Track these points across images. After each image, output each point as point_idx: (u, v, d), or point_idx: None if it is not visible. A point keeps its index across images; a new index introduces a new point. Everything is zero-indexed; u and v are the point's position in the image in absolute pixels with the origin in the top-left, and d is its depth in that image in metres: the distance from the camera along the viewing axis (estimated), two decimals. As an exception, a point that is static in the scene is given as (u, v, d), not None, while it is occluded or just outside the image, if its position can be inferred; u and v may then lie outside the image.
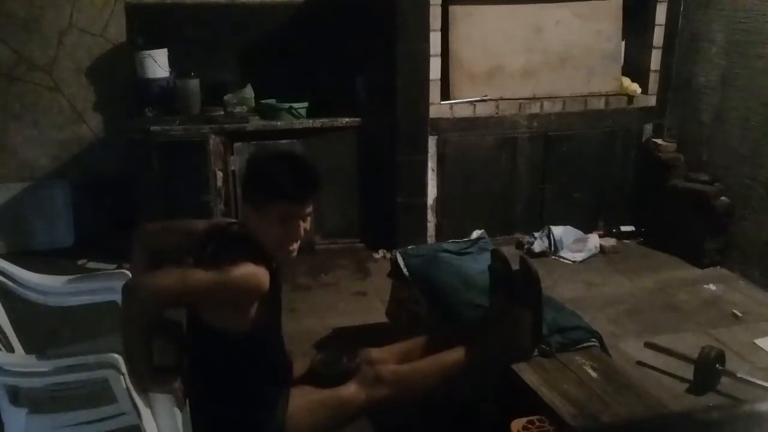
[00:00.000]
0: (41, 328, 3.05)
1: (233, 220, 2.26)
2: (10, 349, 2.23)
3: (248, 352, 1.98)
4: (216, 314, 1.92)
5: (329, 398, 2.10)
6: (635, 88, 4.47)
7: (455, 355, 2.27)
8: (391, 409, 2.36)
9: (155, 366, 1.93)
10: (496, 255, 2.47)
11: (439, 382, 2.27)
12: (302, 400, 2.08)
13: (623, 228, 4.58)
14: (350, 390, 2.12)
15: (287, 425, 2.03)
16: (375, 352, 2.30)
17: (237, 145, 4.05)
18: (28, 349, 2.33)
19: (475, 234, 3.82)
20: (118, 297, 2.44)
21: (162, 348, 2.01)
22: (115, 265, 3.96)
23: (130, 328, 1.88)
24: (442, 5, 4.08)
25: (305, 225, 1.97)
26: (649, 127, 4.57)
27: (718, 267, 4.13)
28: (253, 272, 1.86)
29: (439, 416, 2.65)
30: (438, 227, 4.41)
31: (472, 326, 2.43)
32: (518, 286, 2.33)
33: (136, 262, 2.16)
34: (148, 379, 1.92)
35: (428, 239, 4.37)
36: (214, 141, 4.02)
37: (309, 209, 1.97)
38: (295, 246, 1.98)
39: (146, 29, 4.24)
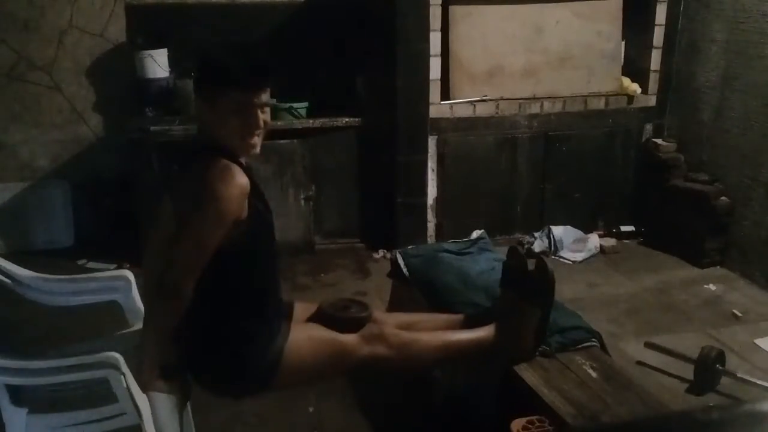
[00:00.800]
0: (41, 328, 3.05)
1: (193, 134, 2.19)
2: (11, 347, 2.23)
3: (244, 262, 1.95)
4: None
5: (331, 340, 2.09)
6: (635, 88, 4.47)
7: (459, 336, 2.28)
8: (385, 371, 2.35)
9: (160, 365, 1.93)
10: (513, 252, 2.46)
11: (439, 357, 2.27)
12: (304, 333, 2.07)
13: (623, 228, 4.58)
14: (353, 339, 2.11)
15: (285, 355, 2.01)
16: (381, 315, 2.30)
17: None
18: (28, 350, 2.33)
19: (475, 234, 3.83)
20: (117, 297, 2.45)
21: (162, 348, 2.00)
22: (115, 265, 3.97)
23: (159, 325, 1.87)
24: (442, 5, 4.08)
25: (264, 116, 1.95)
26: (649, 127, 4.57)
27: (718, 267, 4.13)
28: (223, 172, 1.83)
29: (439, 416, 2.65)
30: (438, 227, 4.41)
31: (480, 315, 2.42)
32: (532, 285, 2.33)
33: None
34: (155, 376, 1.91)
35: (428, 239, 4.37)
36: (214, 141, 4.01)
37: (264, 97, 1.95)
38: (257, 138, 1.95)
39: (146, 29, 4.24)
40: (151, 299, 1.96)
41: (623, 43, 4.53)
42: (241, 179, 1.87)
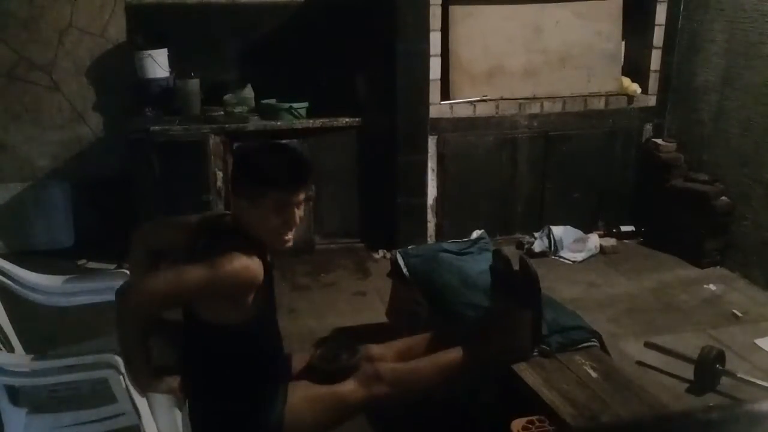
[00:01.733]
0: (41, 328, 3.05)
1: (225, 212, 2.24)
2: (11, 348, 2.23)
3: (245, 345, 1.97)
4: (212, 309, 1.91)
5: (328, 394, 2.09)
6: (635, 88, 4.47)
7: (455, 354, 2.26)
8: (389, 406, 2.35)
9: (154, 366, 1.93)
10: (498, 256, 2.47)
11: (439, 381, 2.26)
12: (301, 395, 2.07)
13: (623, 228, 4.58)
14: (349, 387, 2.11)
15: (286, 420, 2.02)
16: (375, 349, 2.29)
17: (237, 145, 4.05)
18: (28, 349, 2.33)
19: (475, 234, 3.83)
20: (118, 297, 2.45)
21: (161, 348, 2.01)
22: (115, 265, 3.97)
23: (124, 332, 1.88)
24: (442, 5, 4.08)
25: (300, 212, 1.97)
26: (649, 127, 4.57)
27: (718, 267, 4.13)
28: (246, 264, 1.85)
29: (439, 416, 2.65)
30: (438, 227, 4.41)
31: (473, 326, 2.43)
32: (518, 286, 2.33)
33: (135, 261, 2.16)
34: (145, 380, 1.92)
35: (428, 239, 4.37)
36: (214, 141, 4.02)
37: (302, 196, 1.97)
38: (291, 234, 1.97)
39: (146, 29, 4.24)
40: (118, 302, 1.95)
41: (623, 43, 4.53)
42: (257, 274, 1.87)
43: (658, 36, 4.41)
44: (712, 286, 3.90)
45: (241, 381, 1.99)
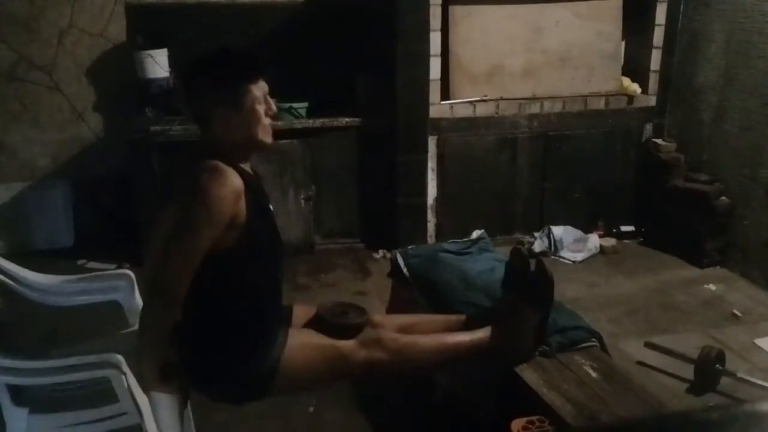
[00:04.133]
0: (41, 328, 3.06)
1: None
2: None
3: (244, 268, 1.94)
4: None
5: (329, 346, 2.08)
6: (635, 88, 4.47)
7: (457, 338, 2.27)
8: (384, 376, 2.34)
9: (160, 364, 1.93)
10: (516, 253, 2.45)
11: (438, 360, 2.26)
12: (301, 341, 2.06)
13: (623, 228, 4.58)
14: (350, 345, 2.10)
15: (282, 363, 2.00)
16: (378, 318, 2.29)
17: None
18: (29, 349, 2.33)
19: (475, 234, 3.83)
20: (118, 297, 2.46)
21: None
22: (115, 265, 3.97)
23: (150, 326, 1.86)
24: (442, 5, 4.08)
25: (269, 105, 1.95)
26: (649, 127, 4.58)
27: (718, 267, 4.14)
28: (213, 174, 1.82)
29: (439, 416, 2.65)
30: (438, 227, 4.41)
31: (479, 316, 2.42)
32: (531, 286, 2.33)
33: None
34: (154, 377, 1.92)
35: (428, 239, 4.37)
36: (214, 141, 4.01)
37: (262, 86, 1.94)
38: (267, 128, 1.95)
39: (146, 29, 4.24)
40: (144, 299, 1.96)
41: (623, 43, 4.53)
42: (234, 180, 1.84)
43: (658, 36, 4.42)
44: (712, 286, 3.90)
45: (239, 313, 1.97)
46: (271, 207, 2.12)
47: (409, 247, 3.32)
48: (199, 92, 1.94)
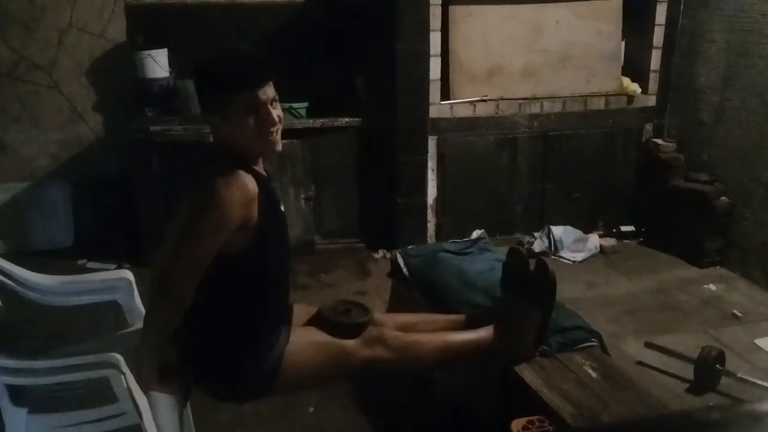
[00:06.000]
0: (41, 328, 3.05)
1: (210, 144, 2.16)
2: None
3: (253, 268, 1.94)
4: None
5: (331, 344, 2.08)
6: (635, 88, 4.47)
7: (459, 336, 2.27)
8: (386, 374, 2.34)
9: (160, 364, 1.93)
10: (514, 252, 2.45)
11: (439, 359, 2.26)
12: (304, 338, 2.06)
13: (623, 228, 4.58)
14: (352, 343, 2.10)
15: (284, 360, 2.01)
16: (380, 316, 2.29)
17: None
18: (29, 349, 2.33)
19: (475, 234, 3.83)
20: (118, 297, 2.45)
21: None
22: (114, 265, 3.97)
23: (156, 326, 1.87)
24: (442, 5, 4.08)
25: (276, 111, 1.93)
26: (649, 127, 4.57)
27: (718, 267, 4.13)
28: (229, 178, 1.82)
29: (439, 416, 2.65)
30: (438, 227, 4.41)
31: (479, 316, 2.42)
32: (532, 286, 2.33)
33: None
34: (154, 377, 1.91)
35: (428, 239, 4.37)
36: (214, 141, 4.01)
37: (271, 92, 1.92)
38: (276, 135, 1.93)
39: (146, 29, 4.24)
40: (151, 299, 1.97)
41: (623, 43, 4.53)
42: (249, 186, 1.85)
43: (658, 36, 4.41)
44: (712, 286, 3.90)
45: (246, 314, 1.97)
46: (282, 208, 2.13)
47: (409, 247, 3.32)
48: (210, 95, 1.93)
